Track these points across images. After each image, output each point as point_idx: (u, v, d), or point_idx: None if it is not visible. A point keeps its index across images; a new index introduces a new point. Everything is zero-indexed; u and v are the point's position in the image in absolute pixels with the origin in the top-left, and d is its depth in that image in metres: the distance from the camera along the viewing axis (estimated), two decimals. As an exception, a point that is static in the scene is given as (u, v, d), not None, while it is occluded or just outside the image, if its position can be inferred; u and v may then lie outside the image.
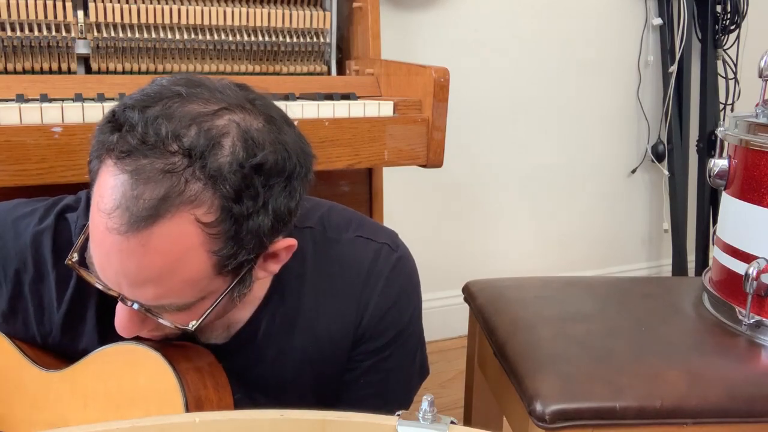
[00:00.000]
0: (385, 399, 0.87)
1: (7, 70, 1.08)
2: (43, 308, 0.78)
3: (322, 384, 0.86)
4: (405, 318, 0.86)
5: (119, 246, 0.61)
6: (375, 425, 0.56)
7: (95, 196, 0.64)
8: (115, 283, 0.65)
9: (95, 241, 0.64)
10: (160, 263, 0.62)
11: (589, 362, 0.97)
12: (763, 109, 1.05)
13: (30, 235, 0.76)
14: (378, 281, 0.83)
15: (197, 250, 0.63)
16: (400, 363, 0.87)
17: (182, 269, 0.63)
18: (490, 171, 2.06)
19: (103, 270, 0.65)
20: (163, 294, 0.65)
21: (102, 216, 0.61)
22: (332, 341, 0.83)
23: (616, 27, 2.13)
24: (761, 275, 1.00)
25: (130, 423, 0.54)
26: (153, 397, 0.75)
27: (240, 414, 0.56)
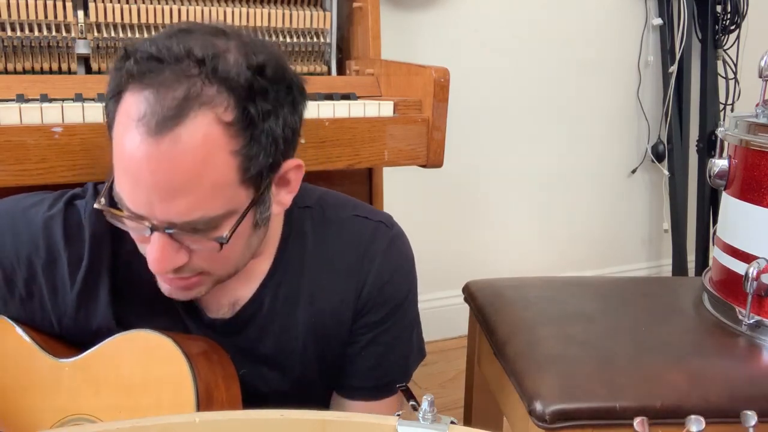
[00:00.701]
0: (384, 371, 0.91)
1: (7, 70, 1.08)
2: (56, 290, 0.81)
3: (325, 357, 0.89)
4: (402, 292, 0.90)
5: (150, 152, 0.65)
6: (375, 425, 0.56)
7: (120, 122, 0.67)
8: (147, 203, 0.67)
9: (124, 164, 0.67)
10: (189, 165, 0.66)
11: (589, 362, 0.97)
12: (763, 109, 1.05)
13: (41, 220, 0.80)
14: (375, 256, 0.87)
15: (221, 152, 0.67)
16: (398, 336, 0.91)
17: (209, 172, 0.67)
18: (490, 171, 2.06)
19: (133, 193, 0.68)
20: (194, 205, 0.67)
21: (131, 127, 0.65)
22: (334, 315, 0.87)
23: (616, 27, 2.13)
24: (761, 275, 1.00)
25: (130, 423, 0.55)
26: (165, 382, 0.76)
27: (240, 414, 0.56)
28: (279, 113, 0.71)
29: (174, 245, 0.70)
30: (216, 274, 0.76)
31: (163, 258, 0.70)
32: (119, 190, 0.69)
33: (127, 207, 0.69)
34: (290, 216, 0.87)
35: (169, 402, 0.75)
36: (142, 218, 0.69)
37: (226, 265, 0.76)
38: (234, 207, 0.71)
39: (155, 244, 0.70)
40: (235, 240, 0.72)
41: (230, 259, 0.76)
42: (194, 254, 0.72)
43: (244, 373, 0.84)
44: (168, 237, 0.69)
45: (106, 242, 0.81)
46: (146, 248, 0.72)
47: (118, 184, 0.70)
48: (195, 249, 0.72)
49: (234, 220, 0.71)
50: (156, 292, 0.81)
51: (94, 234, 0.80)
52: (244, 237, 0.75)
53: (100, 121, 0.94)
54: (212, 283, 0.77)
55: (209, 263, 0.74)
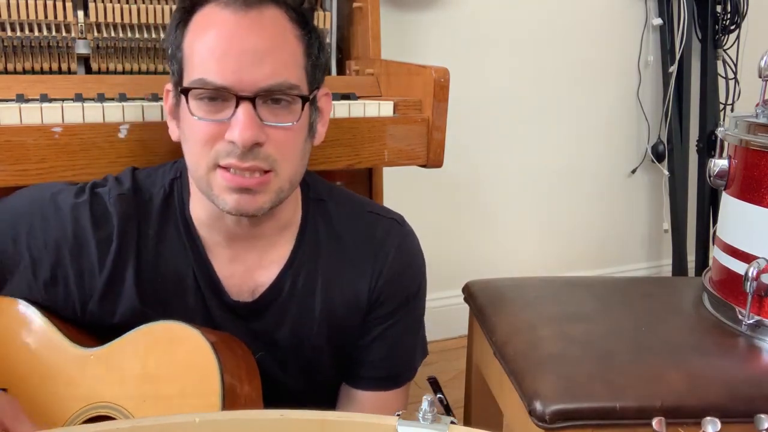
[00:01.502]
0: (393, 362, 0.96)
1: (7, 70, 1.08)
2: (83, 274, 0.84)
3: (337, 345, 0.93)
4: (414, 286, 0.95)
5: (241, 21, 0.77)
6: (375, 425, 0.56)
7: (198, 23, 0.79)
8: (236, 71, 0.76)
9: (215, 39, 0.77)
10: (273, 31, 0.79)
11: (589, 362, 0.97)
12: (763, 109, 1.05)
13: (69, 207, 0.84)
14: (390, 251, 0.93)
15: (291, 32, 0.81)
16: (407, 329, 0.96)
17: (287, 42, 0.80)
18: (490, 171, 2.06)
19: (223, 63, 0.76)
20: (278, 68, 0.78)
21: (218, 11, 0.78)
22: (348, 305, 0.92)
23: (616, 27, 2.13)
24: (761, 275, 1.00)
25: (130, 423, 0.55)
26: (190, 372, 0.77)
27: (240, 414, 0.56)
28: (316, 36, 0.85)
29: (256, 120, 0.77)
30: (281, 171, 0.81)
31: (250, 126, 0.76)
32: (203, 71, 0.77)
33: (212, 83, 0.77)
34: (307, 206, 0.92)
35: (193, 391, 0.76)
36: (227, 90, 0.76)
37: (292, 157, 0.82)
38: (302, 87, 0.81)
39: (241, 115, 0.76)
40: (299, 132, 0.82)
41: (294, 153, 0.82)
42: (269, 139, 0.78)
43: (260, 356, 0.88)
44: (252, 109, 0.77)
45: (133, 225, 0.85)
46: (217, 145, 0.78)
47: (201, 64, 0.77)
48: (271, 131, 0.78)
49: (300, 106, 0.81)
50: (180, 274, 0.87)
51: (122, 216, 0.84)
52: (304, 134, 0.83)
53: (100, 121, 0.94)
54: (275, 194, 0.81)
55: (279, 150, 0.80)
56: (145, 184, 0.89)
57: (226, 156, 0.78)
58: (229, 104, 0.77)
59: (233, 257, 0.88)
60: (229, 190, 0.79)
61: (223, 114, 0.78)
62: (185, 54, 0.80)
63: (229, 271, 0.89)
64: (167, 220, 0.87)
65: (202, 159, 0.80)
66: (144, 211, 0.87)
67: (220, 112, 0.78)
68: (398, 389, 0.97)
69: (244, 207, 0.80)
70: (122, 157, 0.94)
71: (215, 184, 0.80)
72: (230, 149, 0.78)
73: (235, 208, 0.80)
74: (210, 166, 0.80)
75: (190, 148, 0.82)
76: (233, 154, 0.78)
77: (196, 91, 0.78)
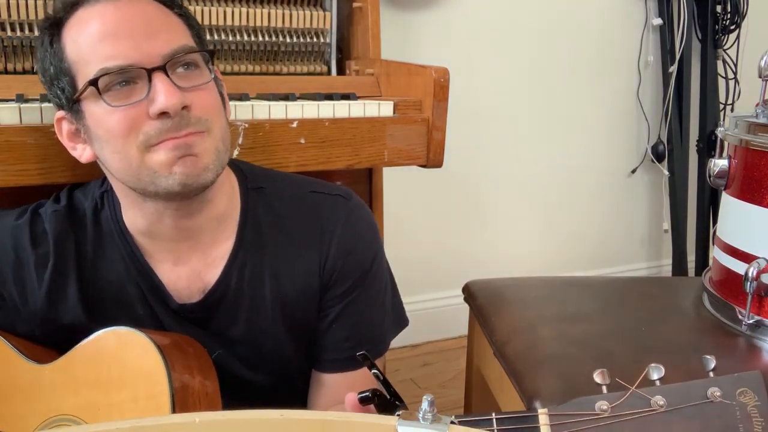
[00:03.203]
0: (357, 341, 0.92)
1: (7, 70, 1.08)
2: (26, 291, 0.85)
3: (296, 332, 0.91)
4: (367, 260, 0.91)
5: (118, 6, 0.76)
6: (375, 425, 0.56)
7: (76, 23, 0.77)
8: (134, 47, 0.75)
9: (101, 29, 0.75)
10: (151, 10, 0.78)
11: (589, 362, 0.97)
12: (763, 109, 1.05)
13: (9, 228, 0.85)
14: (336, 228, 0.90)
15: (167, 10, 0.81)
16: (368, 304, 0.93)
17: (169, 16, 0.80)
18: (490, 171, 2.06)
19: (118, 46, 0.75)
20: (174, 35, 0.78)
21: (91, 5, 0.77)
22: (299, 289, 0.89)
23: (616, 27, 2.13)
24: (761, 275, 1.00)
25: (131, 423, 0.55)
26: (140, 376, 0.77)
27: (240, 414, 0.56)
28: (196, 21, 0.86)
29: (173, 85, 0.75)
30: (214, 130, 0.79)
31: (172, 91, 0.75)
32: (102, 61, 0.75)
33: (118, 66, 0.74)
34: (246, 196, 0.90)
35: (144, 395, 0.76)
36: (135, 66, 0.74)
37: (217, 116, 0.81)
38: (199, 48, 0.81)
39: (158, 83, 0.75)
40: (215, 93, 0.82)
41: (218, 111, 0.81)
42: (192, 103, 0.77)
43: (218, 355, 0.87)
44: (166, 76, 0.75)
45: (70, 241, 0.85)
46: (143, 128, 0.75)
47: (97, 57, 0.75)
48: (191, 95, 0.77)
49: (206, 67, 0.81)
50: (123, 286, 0.86)
51: (56, 233, 0.85)
52: (218, 97, 0.83)
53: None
54: (215, 154, 0.79)
55: (206, 111, 0.79)
56: (79, 199, 0.88)
57: (159, 134, 0.75)
58: (141, 84, 0.75)
59: (176, 260, 0.87)
60: (171, 158, 0.76)
61: (138, 94, 0.75)
62: (72, 60, 0.77)
63: (175, 274, 0.87)
64: (102, 233, 0.86)
65: (129, 151, 0.76)
66: (80, 226, 0.86)
67: (134, 94, 0.75)
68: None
69: (192, 172, 0.77)
70: (122, 157, 0.93)
71: (155, 162, 0.76)
72: (160, 126, 0.75)
73: (184, 174, 0.76)
74: (142, 150, 0.76)
75: (113, 147, 0.77)
76: (165, 129, 0.75)
77: (104, 80, 0.74)
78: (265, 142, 1.01)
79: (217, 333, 0.88)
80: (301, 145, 1.03)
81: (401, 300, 0.99)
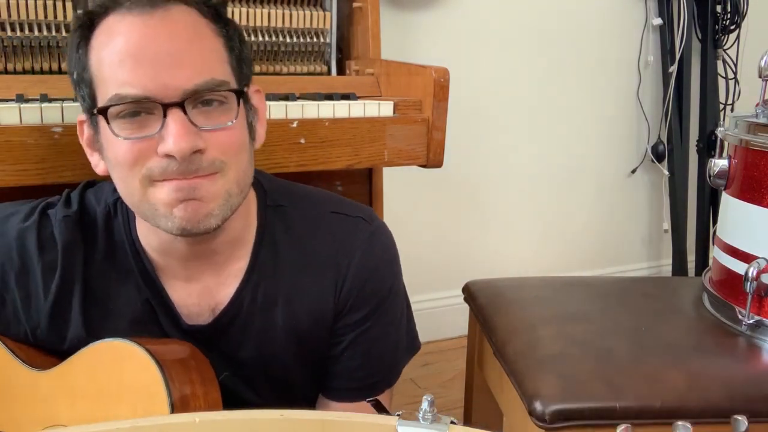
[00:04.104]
0: (369, 371, 0.89)
1: (7, 70, 1.08)
2: (30, 299, 0.81)
3: (307, 358, 0.88)
4: (384, 289, 0.88)
5: (147, 23, 0.70)
6: (375, 425, 0.56)
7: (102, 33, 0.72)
8: (154, 78, 0.69)
9: (123, 50, 0.70)
10: (184, 31, 0.72)
11: (589, 362, 0.97)
12: (763, 109, 1.05)
13: (15, 231, 0.81)
14: (354, 253, 0.85)
15: (207, 28, 0.74)
16: (382, 333, 0.89)
17: (203, 39, 0.73)
18: (490, 171, 2.06)
19: (138, 73, 0.69)
20: (199, 67, 0.71)
21: (120, 21, 0.71)
22: (313, 315, 0.85)
23: (616, 27, 2.13)
24: (761, 275, 1.00)
25: (131, 423, 0.55)
26: (139, 392, 0.75)
27: (240, 414, 0.56)
28: (238, 32, 0.79)
29: (191, 128, 0.70)
30: (228, 172, 0.74)
31: (184, 133, 0.69)
32: (118, 85, 0.70)
33: (131, 95, 0.69)
34: (263, 215, 0.86)
35: (144, 411, 0.75)
36: (150, 100, 0.69)
37: (237, 157, 0.75)
38: (231, 81, 0.75)
39: (171, 123, 0.69)
40: (240, 130, 0.75)
41: (240, 152, 0.76)
42: (209, 144, 0.72)
43: (225, 377, 0.83)
44: (183, 114, 0.70)
45: (79, 250, 0.81)
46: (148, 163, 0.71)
47: (115, 79, 0.70)
48: (209, 135, 0.72)
49: (235, 103, 0.74)
50: (132, 302, 0.82)
51: (66, 242, 0.80)
52: (245, 134, 0.77)
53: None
54: (224, 199, 0.74)
55: (223, 153, 0.73)
56: (91, 203, 0.83)
57: (161, 173, 0.71)
58: (156, 116, 0.70)
59: (188, 278, 0.83)
60: (173, 199, 0.72)
61: (150, 128, 0.70)
62: (93, 74, 0.72)
63: (186, 292, 0.83)
64: (114, 244, 0.82)
65: (132, 182, 0.72)
66: (90, 234, 0.81)
67: (146, 127, 0.70)
68: (380, 396, 0.91)
69: (193, 217, 0.72)
70: (122, 157, 0.93)
71: (157, 200, 0.72)
72: (165, 165, 0.70)
73: (184, 219, 0.72)
74: (144, 185, 0.72)
75: (119, 174, 0.74)
76: (170, 170, 0.70)
77: (114, 109, 0.70)
78: (266, 142, 1.00)
79: (225, 355, 0.85)
80: (301, 145, 1.03)
81: (415, 324, 0.96)
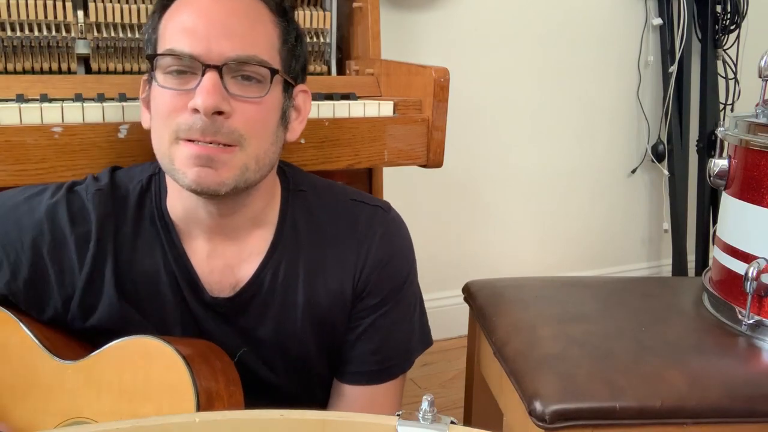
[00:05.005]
0: (385, 355, 0.92)
1: (7, 70, 1.08)
2: (64, 272, 0.83)
3: (324, 339, 0.91)
4: (402, 275, 0.92)
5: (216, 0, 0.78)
6: (375, 425, 0.56)
7: (176, 6, 0.79)
8: (205, 39, 0.76)
9: (188, 13, 0.77)
10: (246, 8, 0.79)
11: (589, 362, 0.97)
12: (763, 109, 1.05)
13: (44, 207, 0.83)
14: (374, 238, 0.89)
15: (268, 15, 0.81)
16: (398, 319, 0.92)
17: (260, 22, 0.80)
18: (490, 171, 2.06)
19: (193, 31, 0.76)
20: (248, 42, 0.78)
21: None
22: (332, 296, 0.89)
23: (616, 27, 2.13)
24: (761, 275, 1.00)
25: (131, 423, 0.55)
26: (166, 390, 0.76)
27: (240, 414, 0.56)
28: (299, 33, 0.86)
29: (221, 89, 0.75)
30: (247, 147, 0.78)
31: (213, 92, 0.74)
32: (173, 42, 0.77)
33: (180, 51, 0.76)
34: (286, 197, 0.89)
35: (169, 410, 0.75)
36: (194, 58, 0.75)
37: (259, 134, 0.79)
38: (276, 66, 0.80)
39: (205, 81, 0.75)
40: (270, 109, 0.80)
41: (264, 130, 0.80)
42: (235, 112, 0.76)
43: (243, 353, 0.86)
44: (218, 78, 0.75)
45: (111, 221, 0.84)
46: (179, 117, 0.76)
47: (172, 36, 0.77)
48: (237, 104, 0.77)
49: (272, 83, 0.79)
50: (157, 271, 0.84)
51: (100, 213, 0.83)
52: (275, 115, 0.81)
53: (100, 121, 0.94)
54: (239, 171, 0.78)
55: (246, 125, 0.77)
56: (122, 181, 0.87)
57: (187, 129, 0.76)
58: (197, 76, 0.76)
59: (211, 252, 0.86)
60: (190, 161, 0.76)
61: (189, 84, 0.76)
62: (159, 34, 0.80)
63: (208, 266, 0.86)
64: (143, 216, 0.85)
65: (164, 131, 0.78)
66: (121, 207, 0.85)
67: (187, 83, 0.76)
68: (391, 382, 0.93)
69: (204, 181, 0.76)
70: (122, 157, 0.94)
71: (177, 157, 0.77)
72: (192, 122, 0.75)
73: (195, 182, 0.76)
74: (172, 139, 0.77)
75: (155, 123, 0.80)
76: (195, 128, 0.75)
77: (164, 61, 0.77)
78: (265, 142, 1.01)
79: (244, 331, 0.88)
80: (301, 145, 1.03)
81: (427, 319, 0.98)
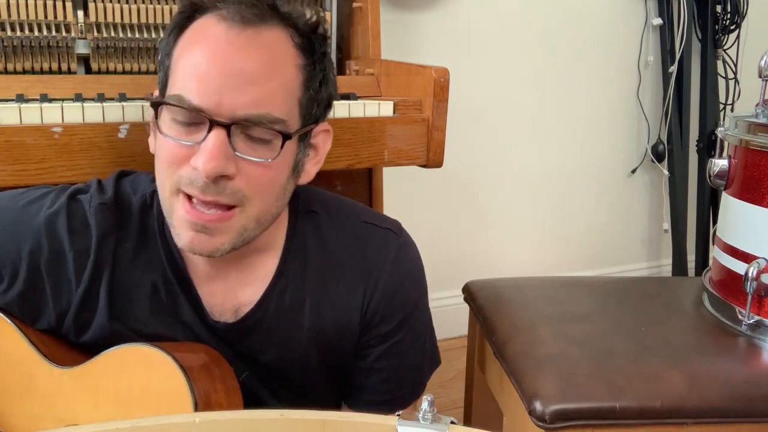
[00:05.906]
0: (398, 383, 0.89)
1: (7, 70, 1.08)
2: (60, 286, 0.80)
3: (330, 367, 0.88)
4: (413, 301, 0.88)
5: (232, 38, 0.71)
6: (375, 425, 0.56)
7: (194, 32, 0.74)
8: (216, 93, 0.70)
9: (201, 55, 0.71)
10: (266, 58, 0.72)
11: (589, 362, 0.97)
12: (763, 109, 1.05)
13: (43, 218, 0.79)
14: (384, 265, 0.85)
15: (291, 59, 0.75)
16: (410, 346, 0.89)
17: (281, 71, 0.73)
18: (490, 171, 2.06)
19: (204, 81, 0.70)
20: (263, 98, 0.71)
21: (213, 24, 0.72)
22: (339, 324, 0.85)
23: (616, 27, 2.13)
24: (761, 275, 1.00)
25: (131, 423, 0.54)
26: (163, 399, 0.75)
27: (240, 414, 0.56)
28: (325, 65, 0.79)
29: (227, 150, 0.70)
30: (248, 207, 0.74)
31: (217, 155, 0.69)
32: (182, 87, 0.71)
33: (188, 102, 0.70)
34: (294, 220, 0.85)
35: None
36: (202, 112, 0.70)
37: (264, 195, 0.75)
38: (290, 122, 0.74)
39: (211, 139, 0.69)
40: (278, 170, 0.75)
41: (270, 190, 0.75)
42: (240, 173, 0.72)
43: (246, 377, 0.83)
44: (225, 137, 0.70)
45: (112, 238, 0.80)
46: (181, 169, 0.72)
47: (182, 79, 0.72)
48: (244, 164, 0.72)
49: (281, 143, 0.73)
50: (157, 291, 0.81)
51: (102, 229, 0.79)
52: (284, 172, 0.76)
53: (100, 121, 0.94)
54: (237, 234, 0.75)
55: (251, 186, 0.73)
56: (126, 192, 0.83)
57: (188, 184, 0.72)
58: (203, 128, 0.71)
59: (214, 274, 0.82)
60: (186, 224, 0.73)
61: (195, 137, 0.71)
62: (172, 63, 0.75)
63: (210, 288, 0.83)
64: (145, 234, 0.82)
65: (166, 180, 0.74)
66: (123, 221, 0.81)
67: (192, 135, 0.71)
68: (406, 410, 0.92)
69: (197, 247, 0.74)
70: (122, 157, 0.93)
71: (175, 210, 0.74)
72: (194, 177, 0.71)
73: (188, 246, 0.74)
74: (173, 191, 0.73)
75: (158, 166, 0.76)
76: (195, 184, 0.71)
77: (170, 109, 0.72)
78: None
79: (246, 356, 0.84)
80: (301, 145, 1.02)
81: (436, 338, 0.96)
